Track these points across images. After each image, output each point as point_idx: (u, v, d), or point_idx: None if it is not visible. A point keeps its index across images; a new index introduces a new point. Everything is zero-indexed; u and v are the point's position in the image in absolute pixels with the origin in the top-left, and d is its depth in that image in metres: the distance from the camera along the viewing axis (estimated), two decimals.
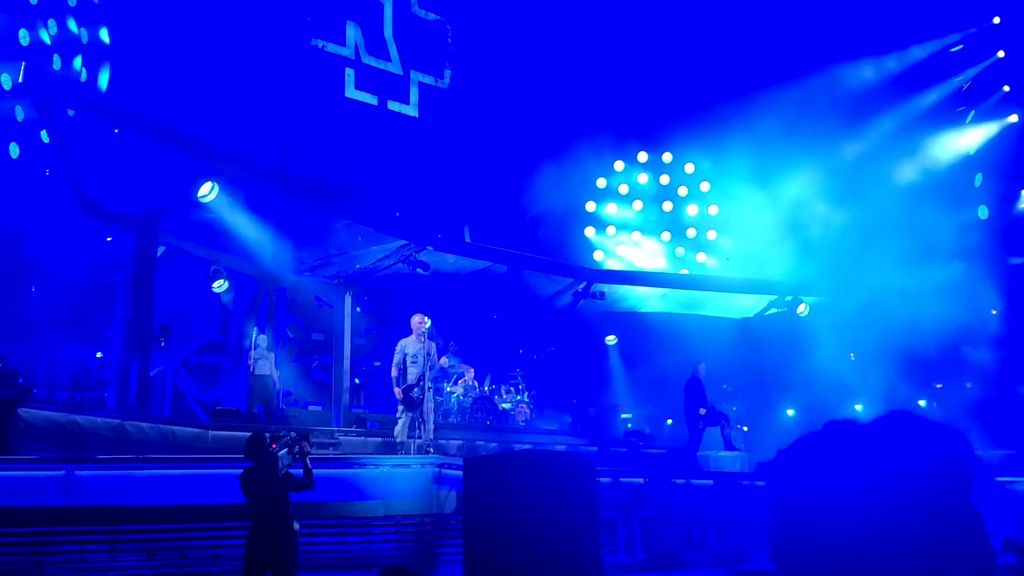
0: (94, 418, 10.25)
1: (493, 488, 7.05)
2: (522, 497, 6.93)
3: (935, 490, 2.67)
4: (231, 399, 15.05)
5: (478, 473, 7.34)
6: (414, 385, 11.85)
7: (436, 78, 19.21)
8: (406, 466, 10.24)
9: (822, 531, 2.72)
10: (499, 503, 7.08)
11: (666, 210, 21.96)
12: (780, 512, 2.90)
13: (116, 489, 8.45)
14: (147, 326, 12.48)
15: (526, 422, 16.08)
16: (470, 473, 7.43)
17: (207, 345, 15.94)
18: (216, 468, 8.94)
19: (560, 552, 6.80)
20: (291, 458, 7.35)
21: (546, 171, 19.95)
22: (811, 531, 2.76)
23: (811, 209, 19.42)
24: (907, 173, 19.91)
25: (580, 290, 17.84)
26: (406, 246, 14.84)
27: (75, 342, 13.81)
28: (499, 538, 6.99)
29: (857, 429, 2.91)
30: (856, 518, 2.64)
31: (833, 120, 19.23)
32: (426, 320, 12.48)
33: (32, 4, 13.99)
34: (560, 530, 6.91)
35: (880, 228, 18.92)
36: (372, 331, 17.79)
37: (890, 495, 2.66)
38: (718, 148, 21.26)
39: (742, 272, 19.98)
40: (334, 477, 9.48)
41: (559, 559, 6.78)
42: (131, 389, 12.13)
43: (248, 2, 16.01)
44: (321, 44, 17.25)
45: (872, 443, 2.81)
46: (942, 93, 20.74)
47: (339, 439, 12.76)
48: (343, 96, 17.43)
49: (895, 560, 2.60)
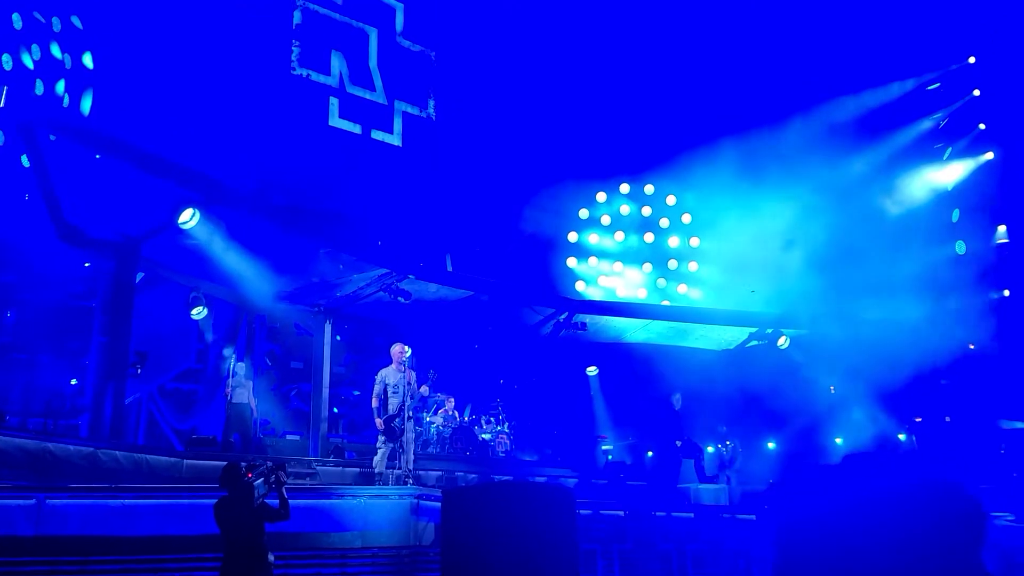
0: (67, 446, 10.06)
1: (472, 520, 6.96)
2: (501, 529, 6.85)
3: (947, 538, 2.66)
4: (208, 428, 14.86)
5: (457, 504, 7.25)
6: (395, 415, 11.77)
7: (420, 108, 19.33)
8: (384, 497, 10.13)
9: (827, 563, 2.69)
10: (478, 535, 6.98)
11: (648, 241, 22.11)
12: (785, 543, 2.86)
13: (88, 519, 8.28)
14: (124, 353, 12.32)
15: (506, 453, 15.97)
16: (449, 504, 7.33)
17: (184, 373, 15.76)
18: (190, 498, 8.79)
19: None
20: (267, 488, 7.26)
21: (528, 201, 20.07)
22: (816, 563, 2.73)
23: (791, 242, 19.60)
24: (885, 209, 20.19)
25: (562, 320, 17.85)
26: (387, 275, 14.79)
27: (50, 368, 13.60)
28: (477, 570, 6.90)
29: (878, 464, 2.89)
30: (864, 553, 2.61)
31: (813, 156, 19.49)
32: (406, 349, 12.43)
33: (16, 29, 13.99)
34: (539, 563, 6.83)
35: (859, 262, 19.13)
36: (352, 360, 17.69)
37: (900, 536, 2.64)
38: (700, 180, 21.49)
39: (723, 304, 20.09)
40: (311, 508, 9.35)
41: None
42: (106, 417, 11.93)
43: (234, 30, 16.07)
44: (306, 73, 17.32)
45: (894, 482, 2.79)
46: (920, 130, 21.11)
47: (317, 469, 12.60)
48: (327, 125, 17.49)
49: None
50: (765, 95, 19.58)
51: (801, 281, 18.87)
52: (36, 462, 9.46)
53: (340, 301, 15.82)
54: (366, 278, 14.96)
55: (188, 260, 13.82)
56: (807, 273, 18.99)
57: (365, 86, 18.35)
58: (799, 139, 19.54)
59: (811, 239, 19.53)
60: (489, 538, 6.87)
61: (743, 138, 19.75)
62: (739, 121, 19.77)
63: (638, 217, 22.26)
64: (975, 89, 20.84)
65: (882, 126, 20.57)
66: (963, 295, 19.22)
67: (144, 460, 10.85)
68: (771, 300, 19.14)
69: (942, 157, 21.11)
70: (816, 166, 19.61)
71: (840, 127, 19.99)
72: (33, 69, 14.15)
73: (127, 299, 12.41)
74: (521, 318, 17.75)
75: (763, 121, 19.47)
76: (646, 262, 21.85)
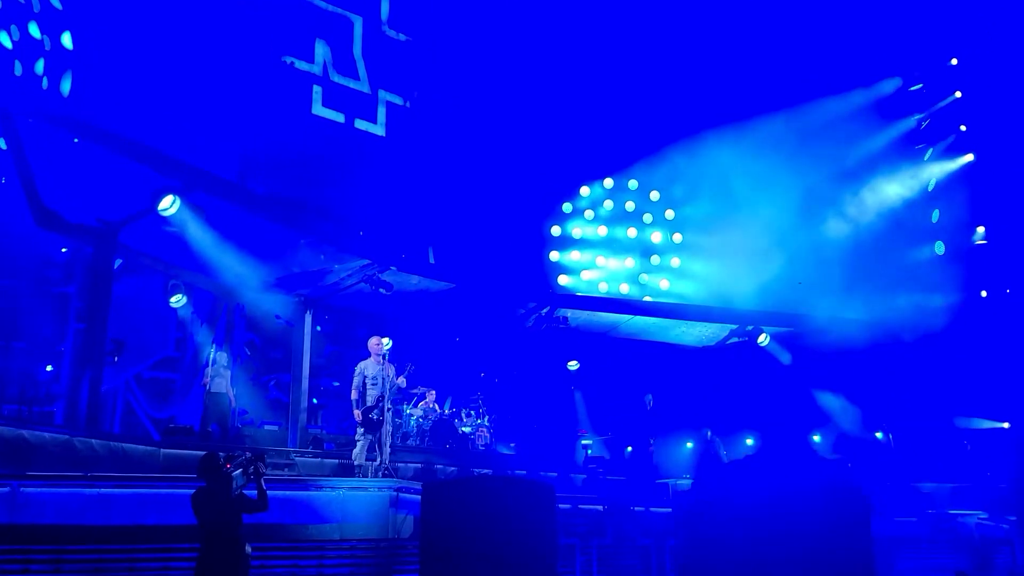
0: (42, 433, 9.94)
1: (451, 513, 6.97)
2: (480, 523, 6.87)
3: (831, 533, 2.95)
4: (186, 417, 14.73)
5: (436, 498, 7.25)
6: (373, 407, 11.74)
7: (404, 98, 19.20)
8: (363, 489, 10.11)
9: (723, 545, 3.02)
10: (457, 528, 7.00)
11: (631, 236, 22.13)
12: (685, 528, 3.19)
13: (63, 507, 8.20)
14: (100, 340, 12.17)
15: (486, 446, 15.97)
16: (428, 497, 7.33)
17: (162, 361, 15.58)
18: (168, 487, 8.73)
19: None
20: (245, 479, 7.22)
21: (512, 195, 20.03)
22: (712, 546, 3.06)
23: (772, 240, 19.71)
24: (866, 208, 20.35)
25: (543, 314, 17.85)
26: (369, 266, 14.73)
27: (25, 355, 13.42)
28: (456, 564, 6.91)
29: (760, 459, 3.16)
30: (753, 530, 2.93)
31: (796, 154, 19.60)
32: (384, 341, 12.43)
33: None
34: (518, 557, 6.85)
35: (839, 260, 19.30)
36: (333, 351, 17.59)
37: (783, 511, 2.98)
38: (684, 176, 21.56)
39: (706, 300, 20.17)
40: (289, 499, 9.32)
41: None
42: (81, 404, 11.79)
43: (217, 16, 15.87)
44: (290, 60, 17.15)
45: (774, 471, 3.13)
46: (901, 130, 21.29)
47: (295, 460, 12.55)
48: (310, 113, 17.33)
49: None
50: (750, 92, 19.63)
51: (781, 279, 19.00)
52: (11, 449, 9.34)
53: (321, 291, 15.74)
54: (347, 269, 14.90)
55: (167, 247, 13.68)
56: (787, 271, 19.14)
57: (349, 75, 18.19)
58: (782, 138, 19.64)
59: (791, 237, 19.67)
60: (468, 532, 6.88)
61: (727, 134, 19.82)
62: (723, 117, 19.82)
63: (621, 212, 22.26)
64: (956, 91, 21.04)
65: (865, 125, 20.71)
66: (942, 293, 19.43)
67: (120, 449, 10.76)
68: (752, 297, 19.22)
69: (923, 158, 21.31)
70: (798, 166, 19.73)
71: (823, 127, 20.11)
72: (12, 50, 13.91)
73: (105, 286, 12.26)
74: (503, 311, 17.73)
75: (747, 117, 19.53)
76: (629, 257, 21.87)
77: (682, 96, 20.36)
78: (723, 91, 19.81)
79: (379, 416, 11.70)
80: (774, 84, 19.74)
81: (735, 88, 19.74)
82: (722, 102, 19.77)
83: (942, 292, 19.25)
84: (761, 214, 19.88)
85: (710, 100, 20.00)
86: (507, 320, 18.19)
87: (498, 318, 17.91)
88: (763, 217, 19.89)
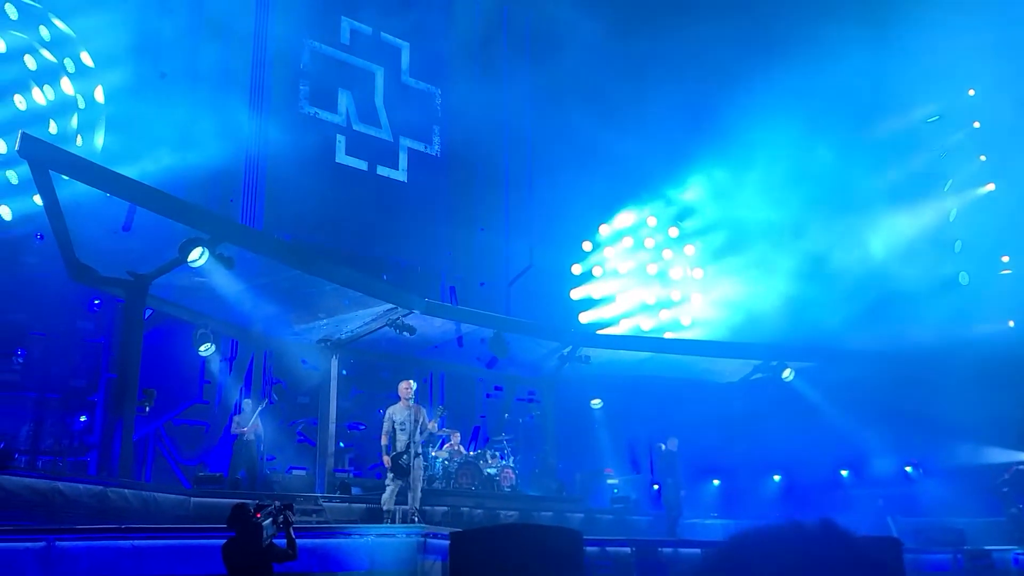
0: (76, 485, 10.11)
1: (481, 562, 7.03)
2: (509, 570, 6.91)
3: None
4: (214, 463, 14.90)
5: (465, 547, 7.32)
6: (403, 452, 11.79)
7: (425, 144, 19.56)
8: (391, 535, 10.15)
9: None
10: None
11: (651, 273, 22.21)
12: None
13: (98, 561, 8.33)
14: (132, 390, 12.39)
15: (511, 487, 15.95)
16: (457, 546, 7.40)
17: (191, 408, 15.83)
18: (199, 538, 8.84)
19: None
20: (275, 528, 7.32)
21: (532, 234, 20.24)
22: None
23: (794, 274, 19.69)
24: (886, 241, 20.28)
25: (566, 354, 17.90)
26: (393, 310, 14.90)
27: (59, 406, 13.70)
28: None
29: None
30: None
31: (814, 188, 19.66)
32: (412, 385, 12.50)
33: (31, 70, 14.28)
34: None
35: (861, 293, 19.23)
36: (358, 394, 17.73)
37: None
38: (703, 212, 21.68)
39: (727, 337, 20.14)
40: (318, 547, 9.39)
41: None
42: (114, 454, 11.99)
43: (242, 67, 16.35)
44: (314, 111, 17.57)
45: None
46: (921, 162, 21.28)
47: (323, 506, 12.62)
48: (334, 162, 17.71)
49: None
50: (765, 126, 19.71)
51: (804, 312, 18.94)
52: (46, 502, 9.51)
53: (346, 336, 15.92)
54: (372, 313, 15.07)
55: (195, 297, 13.95)
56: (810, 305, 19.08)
57: (371, 123, 18.61)
58: (799, 171, 19.72)
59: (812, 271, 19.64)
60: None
61: (745, 170, 19.95)
62: (741, 153, 19.97)
63: (641, 248, 22.39)
64: (975, 121, 21.03)
65: (883, 158, 20.73)
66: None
67: (152, 498, 10.91)
68: (776, 332, 19.14)
69: (943, 189, 21.27)
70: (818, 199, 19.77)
71: (842, 159, 20.16)
72: (47, 109, 14.41)
73: (136, 336, 12.50)
74: (525, 352, 17.81)
75: (764, 152, 19.64)
76: (649, 293, 21.93)
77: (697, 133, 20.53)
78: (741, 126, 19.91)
79: (408, 461, 11.75)
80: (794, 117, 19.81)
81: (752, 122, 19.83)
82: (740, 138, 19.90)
83: (966, 322, 19.06)
84: (781, 247, 19.92)
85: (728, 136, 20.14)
86: (529, 360, 18.26)
87: (520, 358, 17.98)
88: (783, 250, 19.93)
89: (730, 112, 19.66)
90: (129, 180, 12.79)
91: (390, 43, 19.41)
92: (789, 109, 18.84)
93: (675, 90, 20.17)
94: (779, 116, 18.85)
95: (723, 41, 19.89)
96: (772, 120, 18.92)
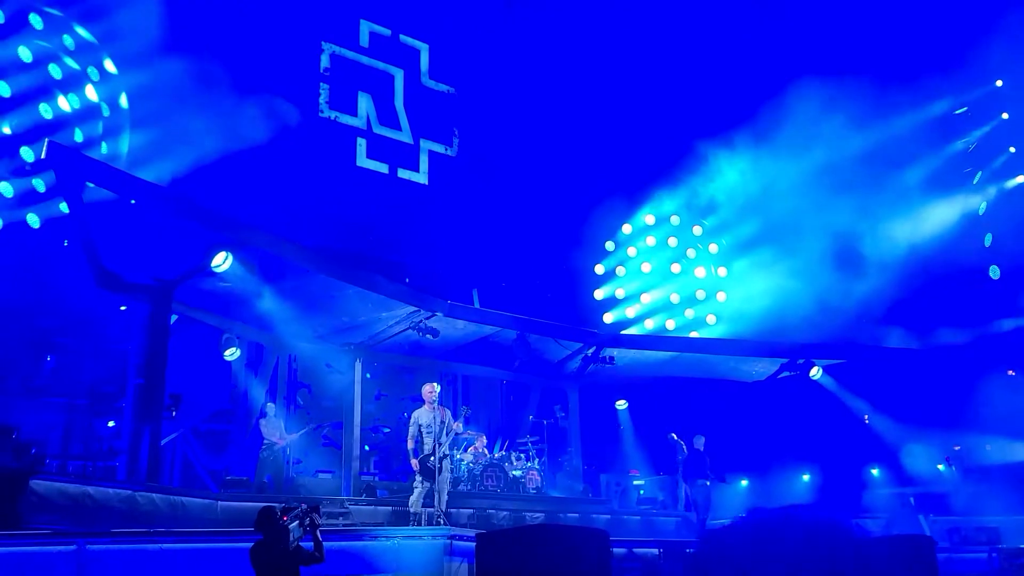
0: (106, 489, 10.18)
1: (507, 563, 6.99)
2: (536, 572, 6.87)
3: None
4: (240, 467, 14.97)
5: (492, 548, 7.28)
6: (430, 455, 11.81)
7: (445, 146, 19.57)
8: (417, 538, 10.15)
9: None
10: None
11: (675, 272, 22.07)
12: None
13: (127, 564, 8.38)
14: (159, 395, 12.48)
15: (537, 489, 15.89)
16: (483, 548, 7.37)
17: (217, 413, 15.93)
18: (226, 542, 8.87)
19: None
20: (302, 531, 7.33)
21: (554, 235, 20.16)
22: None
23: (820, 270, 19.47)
24: (916, 234, 19.99)
25: (590, 354, 17.82)
26: (416, 312, 14.91)
27: (88, 411, 13.84)
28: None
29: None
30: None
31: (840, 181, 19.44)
32: (436, 387, 12.50)
33: (56, 79, 14.45)
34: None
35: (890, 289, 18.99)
36: (383, 397, 17.76)
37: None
38: (726, 210, 21.51)
39: (752, 334, 19.94)
40: (344, 550, 9.39)
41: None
42: (142, 458, 12.07)
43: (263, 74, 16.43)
44: (334, 115, 17.63)
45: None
46: (949, 155, 20.97)
47: (349, 508, 12.63)
48: (355, 165, 17.76)
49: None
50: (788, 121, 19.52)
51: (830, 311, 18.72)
52: (77, 506, 9.58)
53: (370, 339, 15.96)
54: (395, 316, 15.09)
55: (220, 302, 14.05)
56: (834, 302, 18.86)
57: (392, 126, 18.64)
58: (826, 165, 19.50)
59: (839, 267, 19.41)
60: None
61: (768, 167, 19.76)
62: (764, 151, 19.79)
63: (664, 248, 22.26)
64: (1004, 112, 20.70)
65: (912, 151, 20.44)
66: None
67: (180, 502, 10.96)
68: (804, 329, 18.92)
69: (972, 181, 20.96)
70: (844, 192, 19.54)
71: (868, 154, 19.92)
72: (72, 117, 14.57)
73: (162, 342, 12.58)
74: (549, 353, 17.75)
75: (787, 149, 19.44)
76: (673, 293, 21.79)
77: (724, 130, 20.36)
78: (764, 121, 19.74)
79: (435, 464, 11.76)
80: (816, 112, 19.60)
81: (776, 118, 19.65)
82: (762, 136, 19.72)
83: (997, 317, 18.78)
84: (807, 244, 19.70)
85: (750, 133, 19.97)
86: (553, 362, 18.20)
87: (544, 360, 17.93)
88: (809, 247, 19.71)
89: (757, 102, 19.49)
90: (154, 186, 12.96)
91: (409, 45, 19.44)
92: (816, 99, 18.65)
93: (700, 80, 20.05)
94: (806, 106, 18.66)
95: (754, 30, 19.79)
96: (800, 110, 18.72)
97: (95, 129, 14.85)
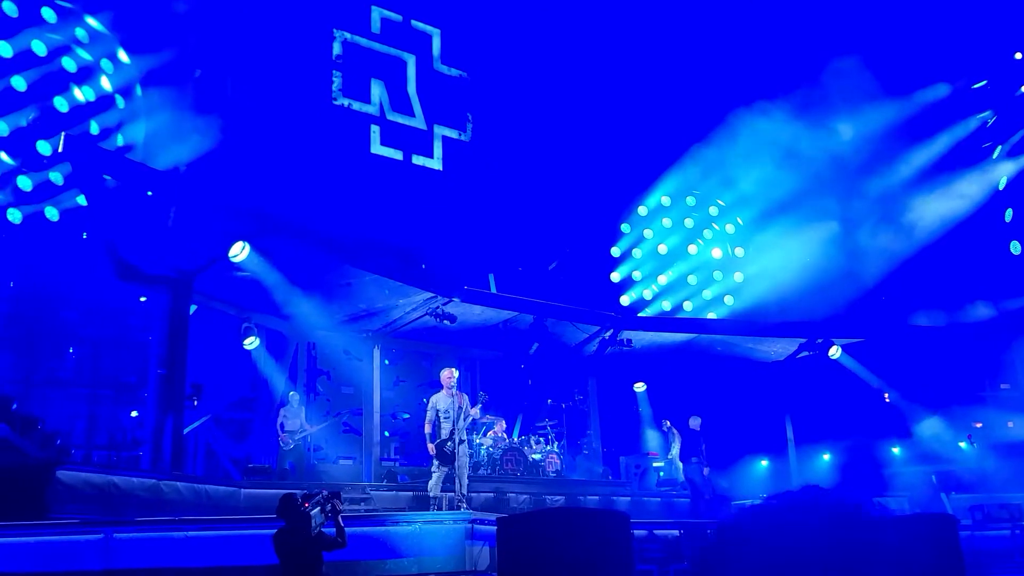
0: (130, 478, 10.33)
1: (528, 546, 7.02)
2: (557, 555, 6.90)
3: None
4: (262, 455, 15.13)
5: (512, 531, 7.32)
6: (447, 440, 11.86)
7: (459, 131, 19.51)
8: (439, 522, 10.20)
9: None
10: (534, 561, 7.04)
11: (692, 253, 21.96)
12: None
13: (153, 552, 8.51)
14: (181, 384, 12.61)
15: (556, 472, 15.95)
16: (504, 531, 7.41)
17: (238, 402, 16.08)
18: (249, 529, 8.97)
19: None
20: (323, 517, 7.38)
21: (570, 218, 20.09)
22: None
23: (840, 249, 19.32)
24: (935, 209, 19.78)
25: (607, 338, 17.81)
26: (432, 299, 14.95)
27: (111, 401, 14.01)
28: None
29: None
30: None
31: (859, 158, 19.25)
32: (454, 373, 12.54)
33: (71, 72, 14.53)
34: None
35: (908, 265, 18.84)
36: (401, 383, 17.85)
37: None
38: (742, 189, 21.33)
39: (771, 314, 19.83)
40: (366, 535, 9.46)
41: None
42: (166, 447, 12.22)
43: (275, 63, 16.43)
44: (347, 103, 17.62)
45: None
46: (967, 129, 20.71)
47: (370, 494, 12.74)
48: (369, 152, 17.75)
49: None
50: (808, 98, 19.30)
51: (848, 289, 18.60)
52: (102, 495, 9.73)
53: (387, 326, 16.02)
54: (412, 303, 15.14)
55: (239, 291, 14.13)
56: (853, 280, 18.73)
57: (405, 112, 18.60)
58: (844, 143, 19.31)
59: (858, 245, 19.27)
60: (545, 565, 6.92)
61: (785, 145, 19.56)
62: (781, 129, 19.57)
63: (681, 229, 22.14)
64: (1023, 86, 20.40)
65: (930, 126, 20.21)
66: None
67: (204, 490, 11.10)
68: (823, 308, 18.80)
69: (991, 156, 20.70)
70: (863, 169, 19.37)
71: (887, 129, 19.71)
72: (88, 110, 14.66)
73: (182, 332, 12.70)
74: (566, 337, 17.75)
75: (807, 127, 19.24)
76: (690, 274, 21.70)
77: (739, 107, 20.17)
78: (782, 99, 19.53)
79: (452, 448, 11.81)
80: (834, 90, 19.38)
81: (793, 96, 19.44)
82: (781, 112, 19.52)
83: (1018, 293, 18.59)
84: (823, 222, 19.55)
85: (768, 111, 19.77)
86: (571, 345, 18.20)
87: (562, 343, 17.93)
88: (825, 225, 19.56)
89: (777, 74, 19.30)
90: (170, 176, 13.04)
91: (420, 30, 19.36)
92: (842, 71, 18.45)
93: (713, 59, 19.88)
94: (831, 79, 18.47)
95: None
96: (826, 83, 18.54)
97: (111, 121, 14.92)
